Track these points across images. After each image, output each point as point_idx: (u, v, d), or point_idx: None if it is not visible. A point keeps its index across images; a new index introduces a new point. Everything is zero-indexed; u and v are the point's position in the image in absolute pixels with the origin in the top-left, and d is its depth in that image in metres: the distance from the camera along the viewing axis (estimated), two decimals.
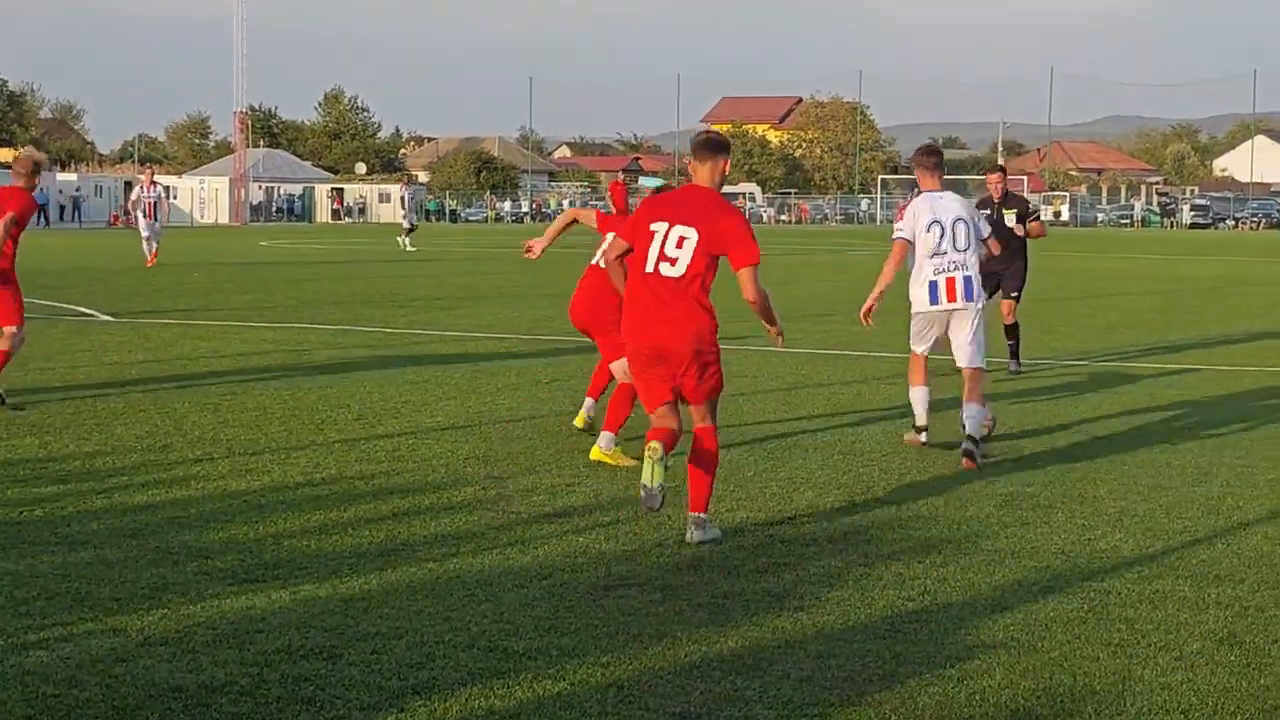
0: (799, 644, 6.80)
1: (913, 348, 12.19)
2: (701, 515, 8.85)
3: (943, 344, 12.11)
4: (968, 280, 11.80)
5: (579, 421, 12.46)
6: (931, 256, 11.80)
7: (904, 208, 12.49)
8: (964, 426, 11.49)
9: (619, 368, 11.43)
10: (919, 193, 12.23)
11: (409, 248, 52.97)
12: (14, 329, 13.60)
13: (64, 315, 23.60)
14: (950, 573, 8.11)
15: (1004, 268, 17.05)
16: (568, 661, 6.46)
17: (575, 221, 12.53)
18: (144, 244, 40.17)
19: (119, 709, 5.80)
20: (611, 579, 7.87)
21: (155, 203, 40.66)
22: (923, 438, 12.05)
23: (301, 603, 7.28)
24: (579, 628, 6.97)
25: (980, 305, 11.92)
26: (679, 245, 8.79)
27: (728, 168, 9.13)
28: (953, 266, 11.79)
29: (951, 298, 11.80)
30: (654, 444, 8.65)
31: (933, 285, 11.83)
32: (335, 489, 10.04)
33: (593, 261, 11.94)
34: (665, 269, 8.83)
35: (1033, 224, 17.87)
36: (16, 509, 9.28)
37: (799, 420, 13.35)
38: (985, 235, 12.24)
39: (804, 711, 5.94)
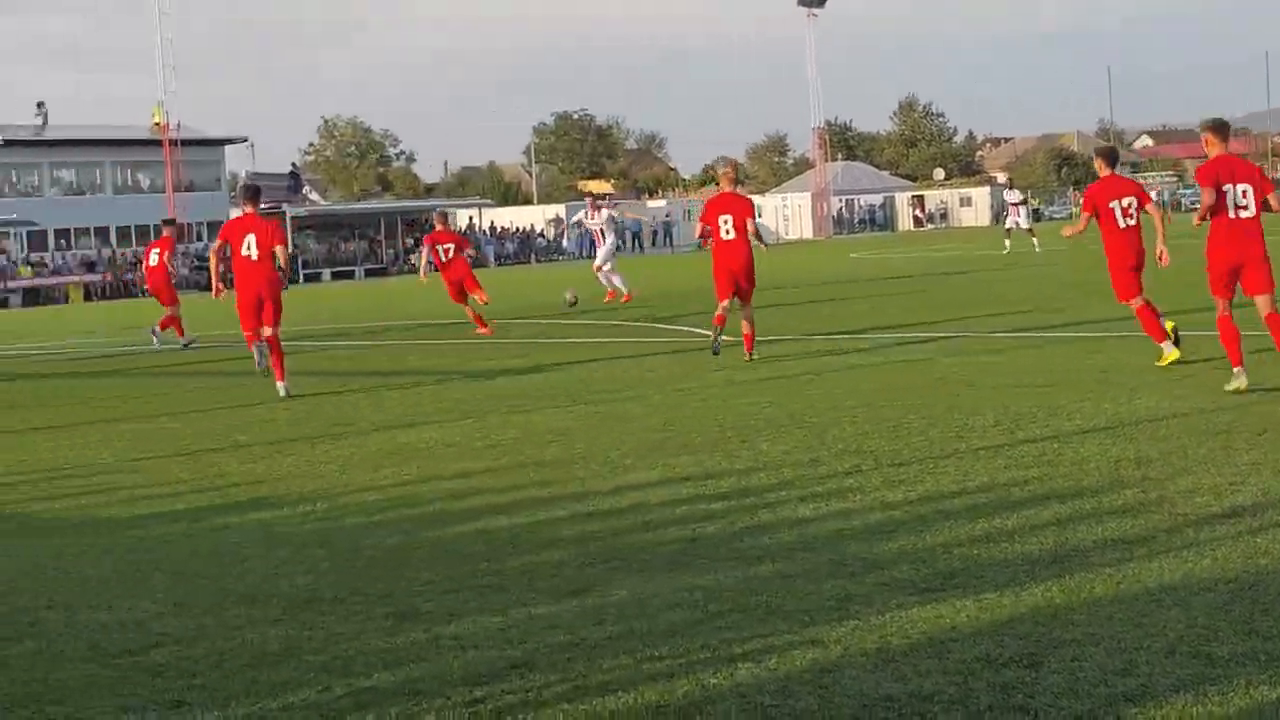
0: None
1: None
2: None
3: None
4: None
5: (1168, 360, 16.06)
6: None
7: None
8: None
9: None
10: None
11: (1036, 249, 50.97)
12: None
13: (669, 337, 24.51)
14: None
15: None
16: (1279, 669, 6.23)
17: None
18: (599, 276, 36.17)
19: (836, 719, 5.96)
20: None
21: (600, 231, 36.83)
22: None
23: (988, 611, 7.30)
24: None
25: None
26: (1244, 195, 13.87)
27: None
28: None
29: None
30: None
31: None
32: (991, 496, 10.04)
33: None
34: (1242, 214, 13.91)
35: None
36: (689, 526, 9.67)
37: None
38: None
39: None
